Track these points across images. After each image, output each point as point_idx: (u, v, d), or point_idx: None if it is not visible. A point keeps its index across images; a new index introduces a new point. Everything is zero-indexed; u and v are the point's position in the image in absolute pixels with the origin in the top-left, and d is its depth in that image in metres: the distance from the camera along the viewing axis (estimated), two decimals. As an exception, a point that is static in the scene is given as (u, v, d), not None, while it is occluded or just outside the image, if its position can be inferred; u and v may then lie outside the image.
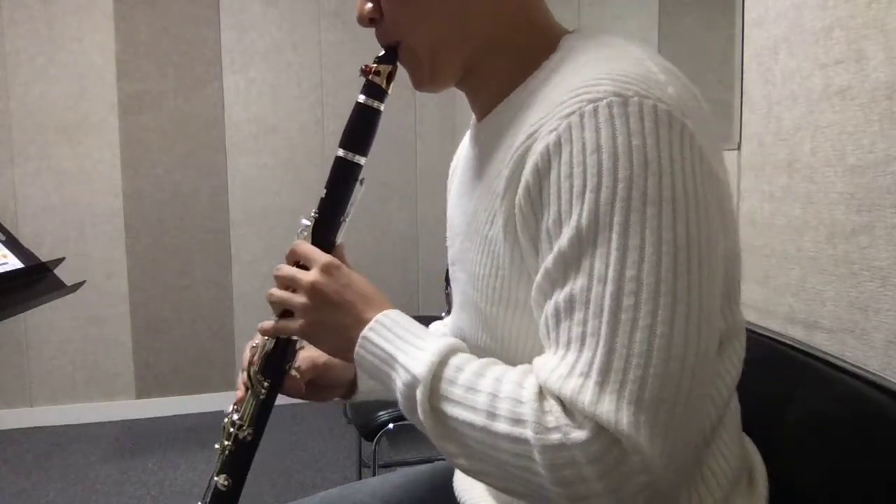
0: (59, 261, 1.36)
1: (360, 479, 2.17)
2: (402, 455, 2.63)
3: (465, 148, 0.85)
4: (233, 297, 3.20)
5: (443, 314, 3.04)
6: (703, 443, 0.66)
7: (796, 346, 0.91)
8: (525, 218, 0.60)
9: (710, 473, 0.66)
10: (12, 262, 1.29)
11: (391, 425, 1.77)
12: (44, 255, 1.36)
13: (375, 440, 1.80)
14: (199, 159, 3.14)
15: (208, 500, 0.78)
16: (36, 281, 1.32)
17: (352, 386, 0.91)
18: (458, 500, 0.83)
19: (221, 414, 0.81)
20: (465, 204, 0.75)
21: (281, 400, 0.81)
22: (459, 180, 0.81)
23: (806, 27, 0.99)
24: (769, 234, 1.09)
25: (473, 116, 0.78)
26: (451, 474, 0.88)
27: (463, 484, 0.83)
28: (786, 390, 0.82)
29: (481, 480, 0.60)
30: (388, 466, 2.46)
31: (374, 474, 1.90)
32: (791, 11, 1.03)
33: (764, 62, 1.10)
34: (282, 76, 3.19)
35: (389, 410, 1.79)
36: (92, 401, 3.10)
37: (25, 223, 2.97)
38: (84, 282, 1.39)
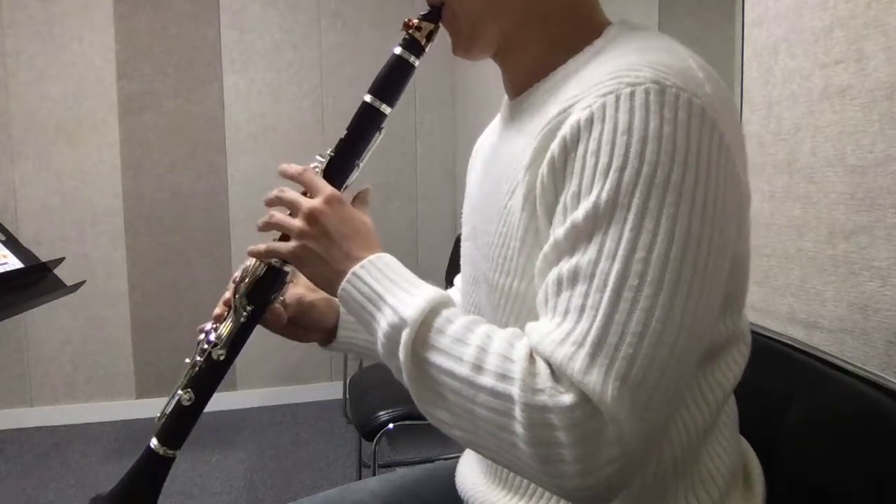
0: (59, 261, 1.36)
1: (360, 479, 2.17)
2: (402, 455, 2.63)
3: (492, 132, 0.85)
4: (233, 297, 3.19)
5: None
6: (699, 442, 0.66)
7: (796, 346, 0.91)
8: (545, 189, 0.61)
9: (707, 474, 0.67)
10: (12, 262, 1.29)
11: (391, 425, 1.77)
12: (44, 255, 1.36)
13: (375, 440, 1.80)
14: (199, 159, 3.14)
15: (168, 411, 0.78)
16: (36, 281, 1.32)
17: (331, 333, 0.91)
18: (461, 493, 0.83)
19: (222, 414, 0.81)
20: (487, 181, 0.75)
21: (281, 399, 0.81)
22: (483, 157, 0.82)
23: (806, 27, 0.99)
24: (769, 234, 1.09)
25: (505, 97, 0.78)
26: (452, 473, 0.88)
27: (465, 479, 0.83)
28: (786, 390, 0.82)
29: (454, 435, 0.60)
30: (388, 466, 2.46)
31: (374, 474, 1.90)
32: (791, 11, 1.03)
33: (764, 62, 1.10)
34: (282, 76, 3.19)
35: (389, 410, 1.79)
36: (92, 401, 3.10)
37: (25, 223, 2.97)
38: (84, 282, 1.38)
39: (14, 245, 1.33)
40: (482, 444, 0.59)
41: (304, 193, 0.72)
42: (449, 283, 1.10)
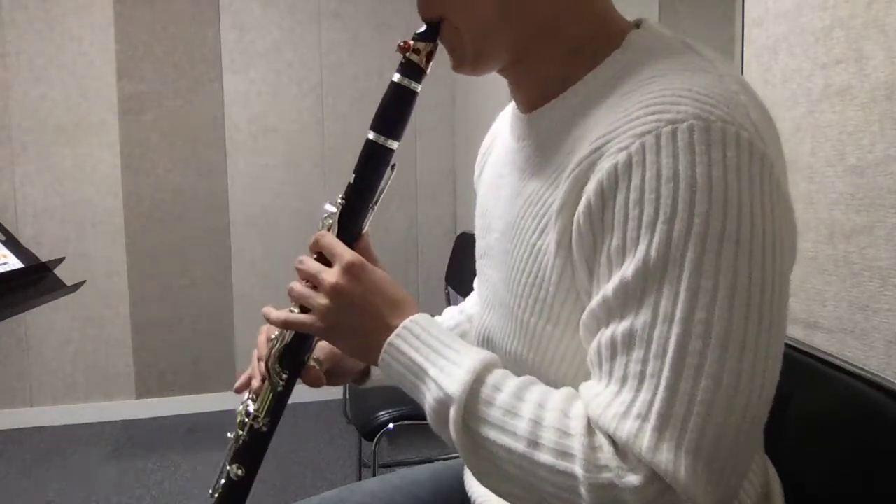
0: (59, 261, 1.36)
1: (360, 479, 2.17)
2: (402, 455, 2.63)
3: (502, 136, 0.79)
4: (233, 297, 3.20)
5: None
6: None
7: (796, 346, 0.91)
8: (582, 237, 0.56)
9: (736, 501, 0.65)
10: (12, 262, 1.29)
11: (391, 425, 1.77)
12: (44, 255, 1.36)
13: (375, 440, 1.80)
14: (199, 159, 3.14)
15: (220, 489, 0.77)
16: (36, 281, 1.32)
17: (365, 372, 0.89)
18: (469, 493, 0.82)
19: (222, 414, 0.81)
20: (506, 203, 0.71)
21: (286, 406, 0.80)
22: (497, 172, 0.77)
23: (806, 27, 0.99)
24: (769, 234, 1.09)
25: (513, 104, 0.73)
26: (452, 474, 0.88)
27: (475, 483, 0.82)
28: (786, 390, 0.82)
29: (510, 501, 0.59)
30: (388, 466, 2.46)
31: (374, 474, 1.90)
32: (791, 11, 1.03)
33: (764, 62, 1.10)
34: (282, 76, 3.19)
35: (389, 410, 1.79)
36: (92, 401, 3.10)
37: (25, 223, 2.97)
38: (84, 282, 1.39)
39: (14, 245, 1.33)
40: None
41: (323, 258, 0.68)
42: (449, 283, 1.09)
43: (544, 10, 0.63)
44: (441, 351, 0.61)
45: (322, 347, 0.83)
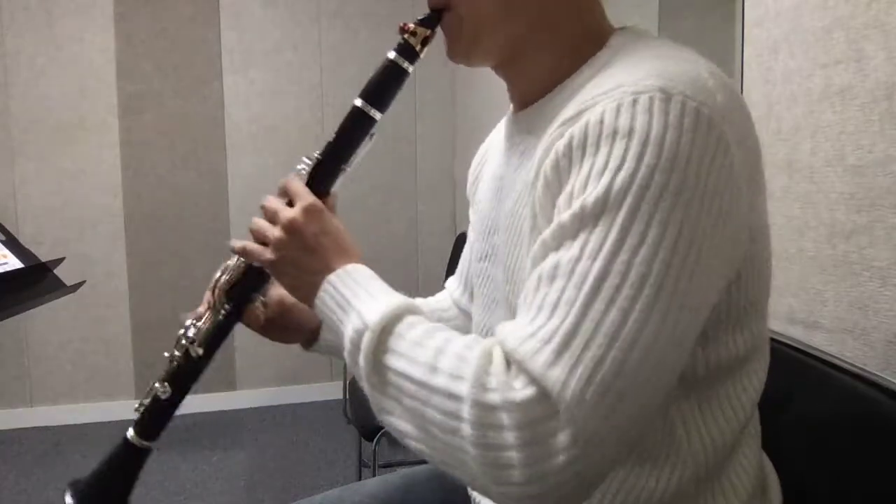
0: (59, 261, 1.36)
1: (359, 479, 2.17)
2: (402, 455, 2.62)
3: (496, 140, 0.83)
4: (233, 297, 3.19)
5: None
6: (725, 457, 0.65)
7: (796, 346, 0.91)
8: (543, 206, 0.59)
9: (729, 486, 0.65)
10: (12, 262, 1.29)
11: (391, 425, 1.77)
12: (44, 255, 1.36)
13: (375, 440, 1.80)
14: (199, 159, 3.14)
15: (145, 403, 0.79)
16: (36, 281, 1.32)
17: (313, 335, 0.90)
18: (469, 493, 0.82)
19: (222, 414, 0.82)
20: (503, 199, 0.73)
21: (281, 399, 0.81)
22: (494, 174, 0.79)
23: (806, 27, 0.99)
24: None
25: (511, 107, 0.76)
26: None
27: None
28: (786, 390, 0.82)
29: (409, 444, 0.58)
30: (387, 466, 2.46)
31: (373, 474, 1.90)
32: (791, 11, 1.03)
33: (764, 62, 1.10)
34: (282, 76, 3.19)
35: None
36: (92, 401, 3.10)
37: (25, 223, 2.97)
38: (84, 282, 1.38)
39: (14, 245, 1.33)
40: (436, 454, 0.56)
41: (289, 202, 0.71)
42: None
43: (543, 8, 0.67)
44: (371, 291, 0.63)
45: (272, 294, 0.85)
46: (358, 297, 0.63)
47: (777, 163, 1.07)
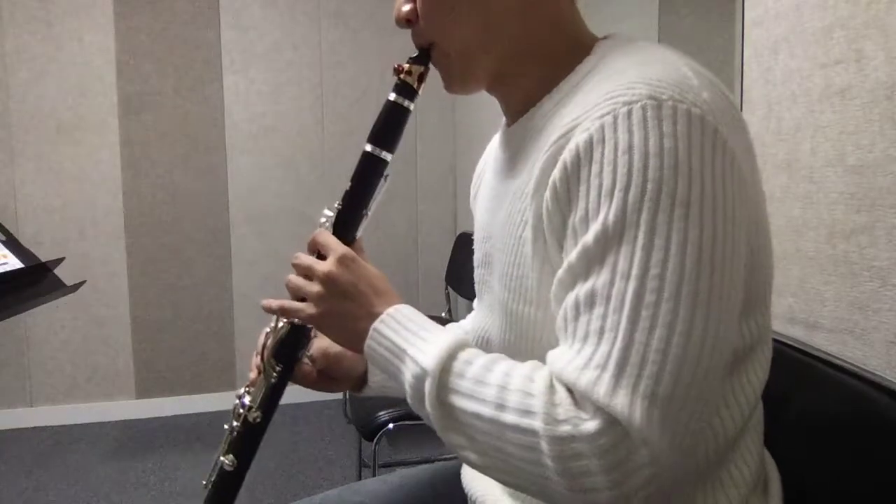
0: (59, 261, 1.36)
1: (360, 479, 2.17)
2: (402, 455, 2.63)
3: (492, 151, 0.85)
4: (233, 297, 3.20)
5: (443, 313, 3.04)
6: (727, 448, 0.66)
7: (796, 346, 0.91)
8: (551, 216, 0.61)
9: (729, 478, 0.66)
10: (12, 262, 1.29)
11: (391, 425, 1.77)
12: (44, 255, 1.36)
13: (375, 440, 1.80)
14: (199, 159, 3.14)
15: (213, 478, 0.80)
16: (36, 281, 1.32)
17: (362, 379, 0.91)
18: (467, 492, 0.83)
19: (222, 414, 0.82)
20: (496, 208, 0.76)
21: (281, 399, 0.81)
22: (489, 185, 0.82)
23: (806, 27, 0.99)
24: (769, 234, 1.09)
25: (504, 120, 0.80)
26: (452, 474, 0.88)
27: (475, 483, 0.83)
28: (786, 390, 0.82)
29: (488, 474, 0.61)
30: (388, 466, 2.46)
31: (374, 474, 1.90)
32: (791, 11, 1.03)
33: (764, 62, 1.10)
34: (282, 76, 3.19)
35: (389, 410, 1.79)
36: (92, 401, 3.10)
37: (25, 223, 2.97)
38: (84, 282, 1.39)
39: (14, 245, 1.33)
40: (519, 483, 0.59)
41: (319, 255, 0.73)
42: (449, 283, 1.10)
43: (519, 33, 0.70)
44: (419, 333, 0.65)
45: (316, 349, 0.87)
46: (408, 341, 0.64)
47: (777, 163, 1.07)
